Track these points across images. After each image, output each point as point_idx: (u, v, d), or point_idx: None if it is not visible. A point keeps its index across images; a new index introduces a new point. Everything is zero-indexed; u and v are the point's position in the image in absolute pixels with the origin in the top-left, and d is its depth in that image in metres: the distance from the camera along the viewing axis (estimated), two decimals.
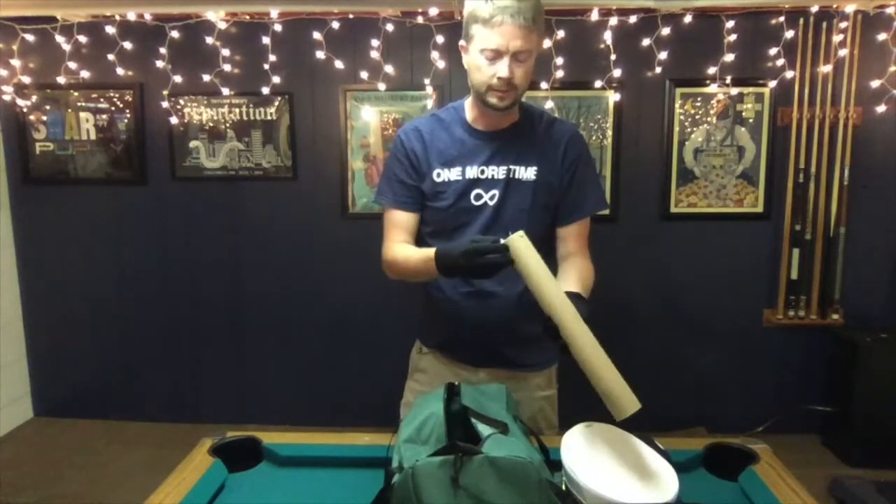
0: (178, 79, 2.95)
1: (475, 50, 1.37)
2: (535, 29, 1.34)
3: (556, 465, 1.06)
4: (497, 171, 1.46)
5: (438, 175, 1.48)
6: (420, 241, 1.53)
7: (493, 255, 1.21)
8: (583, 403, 1.67)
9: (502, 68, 1.34)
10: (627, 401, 1.10)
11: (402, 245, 1.48)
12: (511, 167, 1.46)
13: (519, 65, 1.35)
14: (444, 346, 1.57)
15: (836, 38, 2.77)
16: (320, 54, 2.88)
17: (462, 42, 1.43)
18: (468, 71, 1.42)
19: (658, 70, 2.84)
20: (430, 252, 1.35)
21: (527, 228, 1.47)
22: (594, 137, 2.94)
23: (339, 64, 2.90)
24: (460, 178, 1.47)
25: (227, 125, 3.04)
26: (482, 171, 1.46)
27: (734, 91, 2.86)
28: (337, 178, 3.05)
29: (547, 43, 2.78)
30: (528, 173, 1.46)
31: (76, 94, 3.05)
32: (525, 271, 1.21)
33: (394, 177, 1.51)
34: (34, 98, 3.06)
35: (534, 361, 1.57)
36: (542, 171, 1.47)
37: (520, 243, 1.20)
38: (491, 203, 1.46)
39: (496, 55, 1.34)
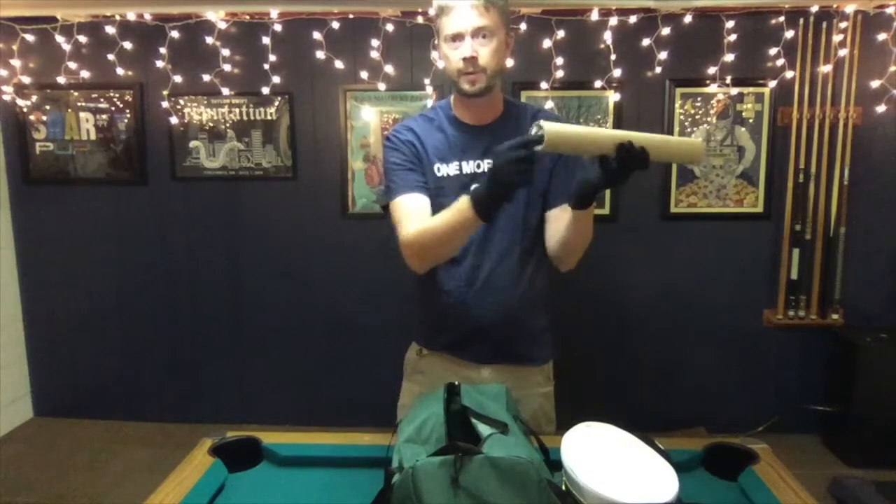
0: (178, 79, 2.95)
1: (442, 42, 1.42)
2: (492, 6, 1.37)
3: (556, 465, 1.06)
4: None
5: (438, 169, 1.48)
6: None
7: (528, 140, 1.15)
8: (582, 403, 1.67)
9: (465, 49, 1.38)
10: (693, 150, 1.26)
11: (423, 222, 1.42)
12: None
13: (482, 43, 1.38)
14: (451, 346, 1.56)
15: (836, 38, 2.77)
16: (320, 54, 2.88)
17: (436, 41, 1.49)
18: (444, 67, 1.47)
19: (658, 70, 2.84)
20: (455, 203, 1.31)
21: (524, 218, 1.49)
22: None
23: (339, 64, 2.90)
24: (458, 172, 1.48)
25: (227, 125, 3.04)
26: (478, 166, 1.47)
27: (734, 91, 2.86)
28: (337, 178, 3.05)
29: (547, 43, 2.79)
30: None
31: (76, 94, 3.05)
32: (570, 143, 1.18)
33: (398, 167, 1.48)
34: (34, 98, 3.06)
35: (537, 356, 1.59)
36: None
37: (550, 127, 1.15)
38: None
39: (458, 38, 1.38)
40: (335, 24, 2.86)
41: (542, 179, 1.48)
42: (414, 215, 1.43)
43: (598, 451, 1.05)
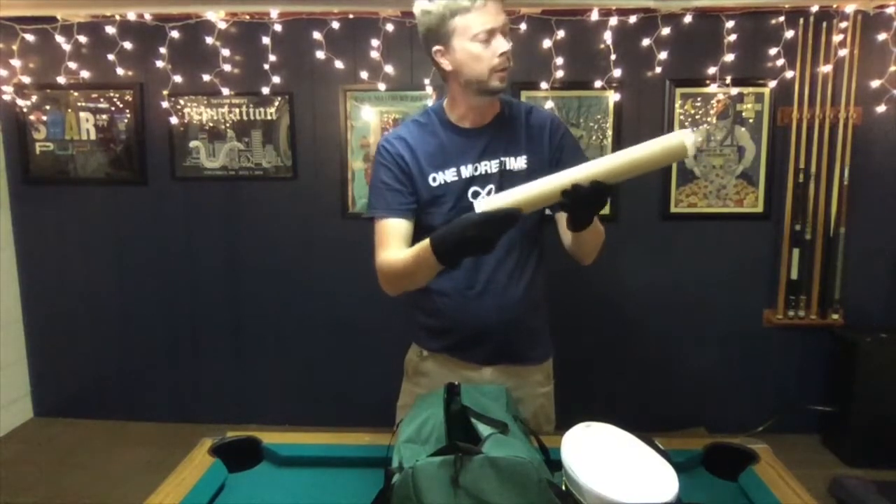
0: (178, 79, 2.95)
1: (465, 41, 1.35)
2: (502, 2, 1.38)
3: (556, 465, 1.06)
4: (490, 166, 1.46)
5: (434, 179, 1.46)
6: None
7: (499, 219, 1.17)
8: (582, 403, 1.68)
9: (502, 44, 1.35)
10: (675, 145, 1.11)
11: (395, 251, 1.44)
12: (502, 159, 1.47)
13: (507, 39, 1.38)
14: (452, 348, 1.55)
15: (836, 38, 2.77)
16: (320, 54, 2.88)
17: (437, 47, 1.40)
18: (460, 68, 1.39)
19: (658, 70, 2.83)
20: (423, 242, 1.29)
21: (524, 218, 1.48)
22: (594, 137, 2.94)
23: (339, 64, 2.90)
24: (456, 178, 1.46)
25: (227, 125, 3.04)
26: (476, 168, 1.46)
27: (734, 91, 2.86)
28: (337, 178, 3.05)
29: (547, 43, 2.79)
30: (518, 163, 1.47)
31: (76, 94, 3.05)
32: (519, 203, 1.18)
33: (383, 185, 1.47)
34: (34, 98, 3.06)
35: (537, 355, 1.59)
36: (531, 158, 1.47)
37: (484, 203, 1.18)
38: None
39: (490, 35, 1.34)
40: (335, 24, 2.86)
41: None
42: (390, 242, 1.44)
43: (598, 451, 1.05)
